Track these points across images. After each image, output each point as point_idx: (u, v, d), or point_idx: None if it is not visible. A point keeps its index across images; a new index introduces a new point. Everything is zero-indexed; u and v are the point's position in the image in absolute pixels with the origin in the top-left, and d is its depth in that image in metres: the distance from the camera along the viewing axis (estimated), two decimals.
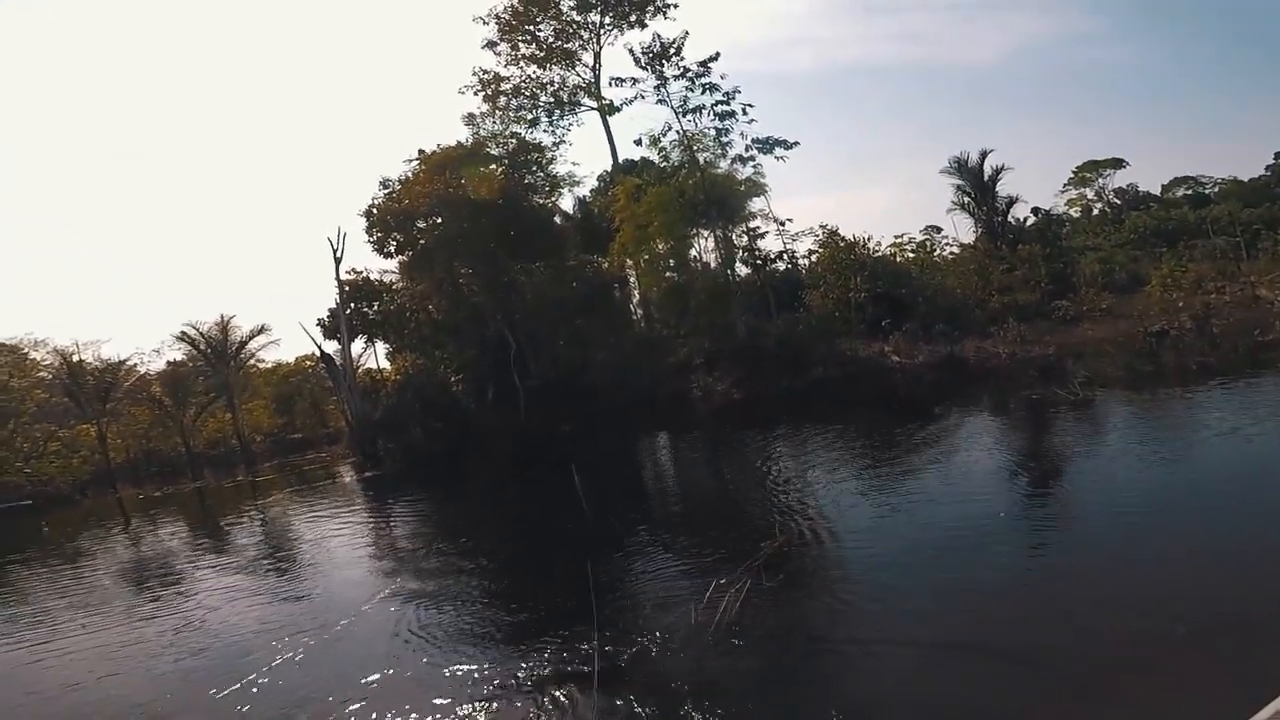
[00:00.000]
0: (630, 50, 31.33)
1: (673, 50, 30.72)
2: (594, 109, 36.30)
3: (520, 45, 35.59)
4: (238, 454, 39.44)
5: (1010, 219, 36.24)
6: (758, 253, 34.34)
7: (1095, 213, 60.21)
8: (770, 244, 35.14)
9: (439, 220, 29.20)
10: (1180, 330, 23.63)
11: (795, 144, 31.44)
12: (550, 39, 35.47)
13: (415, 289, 31.32)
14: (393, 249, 30.19)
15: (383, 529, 16.63)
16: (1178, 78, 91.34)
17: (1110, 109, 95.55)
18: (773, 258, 35.24)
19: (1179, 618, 5.83)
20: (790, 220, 36.29)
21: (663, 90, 30.90)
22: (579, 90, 36.48)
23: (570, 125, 36.72)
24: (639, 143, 33.74)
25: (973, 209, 36.56)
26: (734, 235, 32.46)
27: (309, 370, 44.00)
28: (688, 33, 30.89)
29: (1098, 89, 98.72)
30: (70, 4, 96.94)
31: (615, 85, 33.67)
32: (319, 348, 32.11)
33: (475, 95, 35.75)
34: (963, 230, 47.91)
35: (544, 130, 36.21)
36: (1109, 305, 29.31)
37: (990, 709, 5.39)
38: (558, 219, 34.53)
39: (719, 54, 30.54)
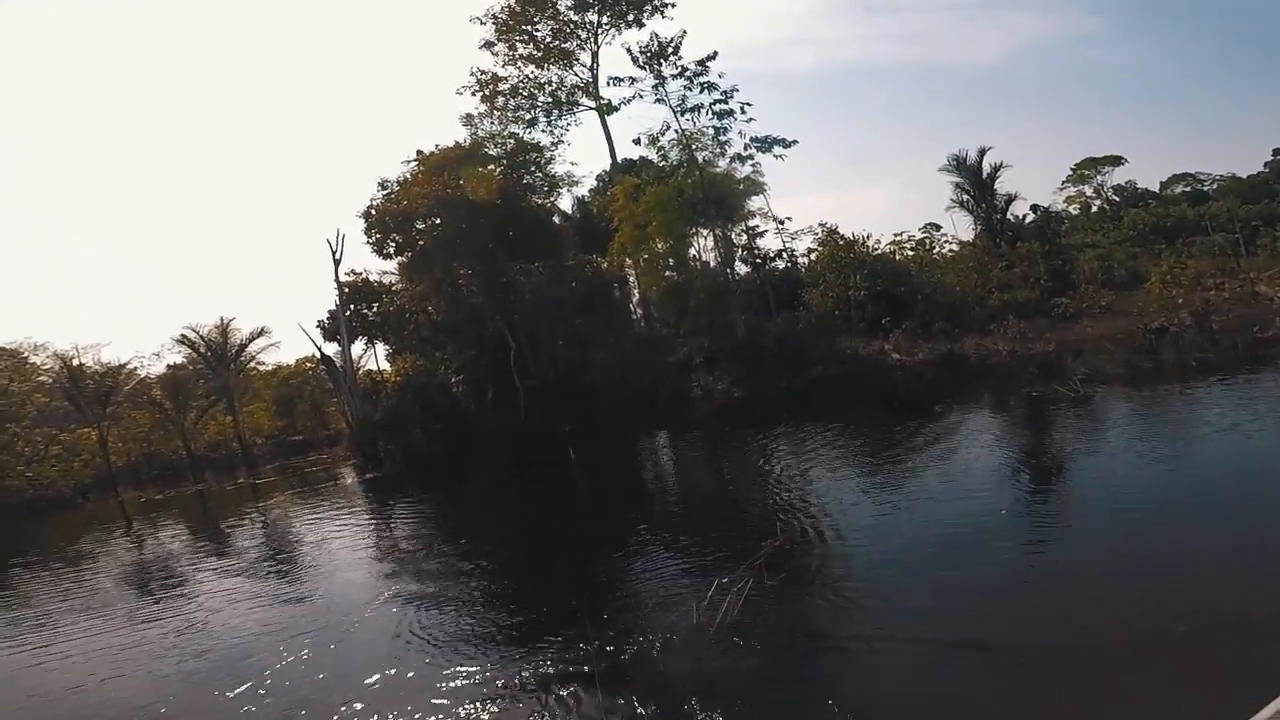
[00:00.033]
0: (628, 50, 31.31)
1: (671, 49, 30.67)
2: (592, 109, 36.31)
3: (518, 45, 35.58)
4: (239, 456, 39.43)
5: (1009, 216, 36.27)
6: (757, 251, 34.31)
7: (1094, 210, 60.11)
8: (769, 243, 35.13)
9: (438, 221, 29.23)
10: (1180, 327, 23.62)
11: (794, 142, 31.47)
12: (548, 39, 35.45)
13: (414, 290, 31.33)
14: (392, 250, 30.23)
15: (384, 530, 16.65)
16: (1177, 77, 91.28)
17: (1110, 108, 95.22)
18: (772, 256, 35.21)
19: (1179, 617, 5.83)
20: (789, 219, 36.18)
21: (661, 89, 30.85)
22: (577, 90, 36.49)
23: (568, 125, 36.79)
24: (637, 142, 33.71)
25: (972, 207, 36.56)
26: (733, 234, 32.43)
27: (309, 372, 43.93)
28: (685, 32, 30.94)
29: (1098, 89, 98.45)
30: (70, 4, 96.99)
31: (613, 85, 33.76)
32: (319, 349, 32.26)
33: (473, 96, 35.82)
34: (962, 228, 47.72)
35: (542, 130, 36.26)
36: (1108, 302, 29.31)
37: (991, 708, 5.40)
38: (556, 219, 34.54)
39: (716, 53, 30.58)
